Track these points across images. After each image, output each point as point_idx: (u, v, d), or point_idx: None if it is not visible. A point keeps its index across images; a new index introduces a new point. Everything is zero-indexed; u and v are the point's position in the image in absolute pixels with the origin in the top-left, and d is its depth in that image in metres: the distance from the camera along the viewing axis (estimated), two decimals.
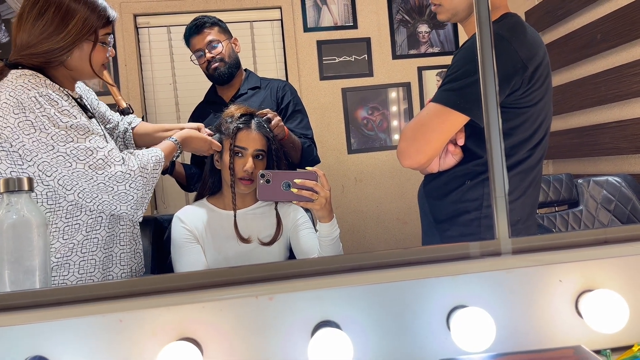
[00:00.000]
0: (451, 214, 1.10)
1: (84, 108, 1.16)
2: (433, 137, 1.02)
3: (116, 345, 0.68)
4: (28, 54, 1.09)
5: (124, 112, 1.49)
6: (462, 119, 1.01)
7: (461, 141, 1.05)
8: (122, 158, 1.08)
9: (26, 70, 1.08)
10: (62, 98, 1.07)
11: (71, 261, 1.10)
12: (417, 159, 1.04)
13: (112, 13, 1.17)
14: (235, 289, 0.73)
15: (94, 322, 0.67)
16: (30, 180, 0.79)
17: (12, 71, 1.07)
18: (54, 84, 1.09)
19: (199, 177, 1.47)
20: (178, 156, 1.30)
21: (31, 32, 1.08)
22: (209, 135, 1.38)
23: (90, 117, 1.17)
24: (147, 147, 1.22)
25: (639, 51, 1.89)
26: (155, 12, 2.55)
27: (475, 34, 0.84)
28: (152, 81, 2.56)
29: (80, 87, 1.27)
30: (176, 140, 1.26)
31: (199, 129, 1.37)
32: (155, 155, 1.14)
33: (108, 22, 1.16)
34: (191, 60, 1.77)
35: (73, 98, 1.13)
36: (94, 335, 0.67)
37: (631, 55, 1.91)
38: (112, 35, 1.18)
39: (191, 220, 1.34)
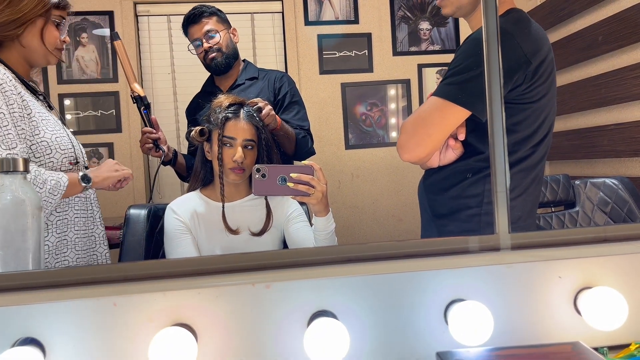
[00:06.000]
0: (451, 210, 1.09)
1: (33, 91, 1.18)
2: (433, 131, 1.01)
3: (110, 328, 0.67)
4: None
5: (142, 100, 1.48)
6: (463, 113, 1.00)
7: (462, 136, 1.03)
8: None
9: None
10: None
11: None
12: (417, 153, 1.03)
13: None
14: (232, 276, 0.72)
15: (87, 305, 0.66)
16: (25, 161, 0.78)
17: None
18: None
19: None
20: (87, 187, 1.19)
21: None
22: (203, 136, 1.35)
23: (38, 97, 1.19)
24: None
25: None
26: (155, 1, 2.52)
27: (478, 28, 0.83)
28: (151, 70, 2.53)
29: None
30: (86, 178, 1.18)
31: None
32: (56, 180, 1.09)
33: (64, 5, 1.21)
34: (189, 50, 1.75)
35: (21, 81, 1.15)
36: (87, 319, 0.66)
37: (632, 58, 1.91)
38: (65, 22, 1.24)
39: (184, 211, 1.33)
